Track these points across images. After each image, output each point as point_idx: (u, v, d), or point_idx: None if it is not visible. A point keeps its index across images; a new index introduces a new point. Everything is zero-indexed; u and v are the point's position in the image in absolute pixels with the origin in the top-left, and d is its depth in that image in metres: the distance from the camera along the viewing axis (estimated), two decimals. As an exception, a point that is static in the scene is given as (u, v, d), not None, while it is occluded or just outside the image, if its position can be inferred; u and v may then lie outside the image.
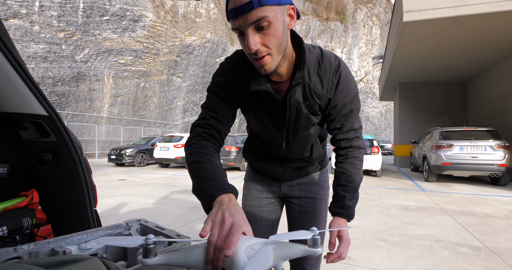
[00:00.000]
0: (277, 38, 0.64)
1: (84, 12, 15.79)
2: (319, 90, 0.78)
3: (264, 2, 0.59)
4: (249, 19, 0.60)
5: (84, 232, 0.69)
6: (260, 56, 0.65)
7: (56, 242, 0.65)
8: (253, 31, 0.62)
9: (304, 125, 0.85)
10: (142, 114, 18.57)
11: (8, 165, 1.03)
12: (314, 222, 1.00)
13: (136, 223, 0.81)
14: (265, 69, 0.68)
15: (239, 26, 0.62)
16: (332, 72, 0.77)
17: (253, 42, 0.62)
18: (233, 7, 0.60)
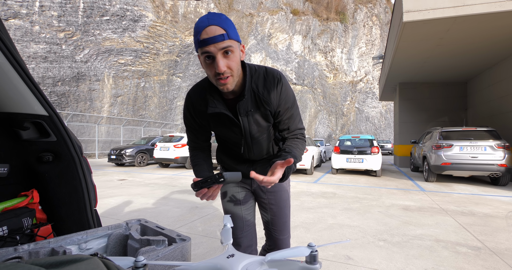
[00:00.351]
0: (237, 63, 0.88)
1: (84, 12, 15.79)
2: (267, 98, 0.99)
3: (231, 36, 0.82)
4: (219, 46, 0.80)
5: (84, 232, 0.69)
6: (225, 76, 0.85)
7: (56, 242, 0.65)
8: (222, 56, 0.82)
9: (257, 130, 1.06)
10: (142, 114, 18.57)
11: (8, 165, 1.03)
12: (282, 210, 1.25)
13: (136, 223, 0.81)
14: (227, 88, 0.89)
15: (211, 51, 0.81)
16: (275, 83, 0.99)
17: (222, 64, 0.82)
18: (207, 37, 0.79)
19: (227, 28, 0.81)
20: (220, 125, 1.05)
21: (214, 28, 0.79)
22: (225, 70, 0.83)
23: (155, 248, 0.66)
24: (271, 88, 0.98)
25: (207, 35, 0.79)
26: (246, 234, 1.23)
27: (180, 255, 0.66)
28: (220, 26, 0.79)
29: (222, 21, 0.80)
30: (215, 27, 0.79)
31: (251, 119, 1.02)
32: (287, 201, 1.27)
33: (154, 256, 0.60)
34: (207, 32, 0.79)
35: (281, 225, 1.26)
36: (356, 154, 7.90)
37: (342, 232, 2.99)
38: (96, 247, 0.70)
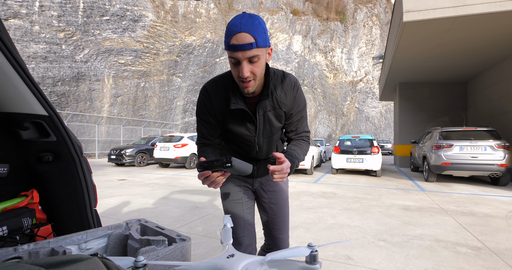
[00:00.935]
0: (261, 69, 0.92)
1: (84, 12, 15.79)
2: (284, 100, 1.06)
3: (259, 45, 0.84)
4: (247, 54, 0.84)
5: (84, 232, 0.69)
6: (248, 80, 0.90)
7: (56, 242, 0.65)
8: (247, 62, 0.86)
9: (270, 129, 1.11)
10: (142, 114, 18.56)
11: (8, 165, 1.03)
12: (282, 209, 1.28)
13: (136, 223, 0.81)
14: (248, 90, 0.94)
15: (237, 57, 0.85)
16: (292, 87, 1.06)
17: (247, 70, 0.87)
18: (236, 44, 0.82)
19: (257, 35, 0.83)
20: (236, 122, 1.08)
21: (244, 35, 0.81)
22: (248, 75, 0.87)
23: (155, 248, 0.66)
24: (288, 91, 1.05)
25: (237, 42, 0.82)
26: (247, 233, 1.25)
27: (180, 255, 0.66)
28: (250, 33, 0.82)
29: (253, 28, 0.82)
30: (246, 34, 0.81)
31: (266, 119, 1.07)
32: (286, 201, 1.30)
33: (154, 256, 0.60)
34: (237, 39, 0.82)
35: (281, 224, 1.28)
36: (356, 154, 7.90)
37: (342, 232, 2.99)
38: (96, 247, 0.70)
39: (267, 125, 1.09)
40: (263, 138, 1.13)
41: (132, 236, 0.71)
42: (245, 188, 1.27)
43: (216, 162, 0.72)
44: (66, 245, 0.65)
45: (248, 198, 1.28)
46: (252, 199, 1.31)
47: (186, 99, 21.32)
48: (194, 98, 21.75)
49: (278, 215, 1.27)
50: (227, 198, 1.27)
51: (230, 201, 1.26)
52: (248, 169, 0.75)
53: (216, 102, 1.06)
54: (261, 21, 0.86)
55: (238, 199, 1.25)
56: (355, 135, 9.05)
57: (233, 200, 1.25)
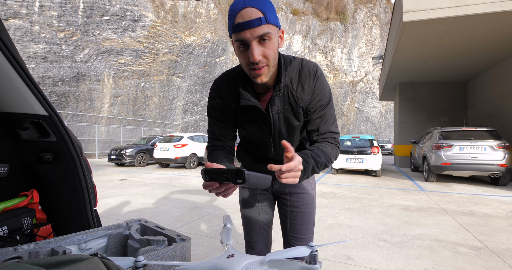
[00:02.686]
0: (274, 52, 0.77)
1: (84, 12, 15.79)
2: (301, 94, 0.89)
3: (269, 21, 0.71)
4: (256, 33, 0.71)
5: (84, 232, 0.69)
6: (260, 66, 0.76)
7: (56, 242, 0.65)
8: (257, 43, 0.73)
9: (287, 129, 0.97)
10: (142, 114, 18.57)
11: (8, 165, 1.03)
12: (304, 214, 1.10)
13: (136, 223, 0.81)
14: (261, 79, 0.80)
15: (245, 38, 0.72)
16: (311, 77, 0.88)
17: (257, 53, 0.73)
18: (242, 22, 0.70)
19: (266, 10, 0.71)
20: (248, 121, 0.96)
21: (250, 10, 0.69)
22: (260, 59, 0.74)
23: (155, 248, 0.65)
24: (305, 83, 0.88)
25: (243, 19, 0.70)
26: (261, 239, 1.15)
27: (180, 255, 0.66)
28: (257, 7, 0.70)
29: (260, 2, 0.70)
30: (252, 9, 0.69)
31: (281, 117, 0.93)
32: (311, 206, 1.12)
33: (154, 256, 0.60)
34: (242, 16, 0.70)
35: (301, 232, 1.10)
36: (356, 154, 7.90)
37: (342, 232, 2.99)
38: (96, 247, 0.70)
39: (284, 124, 0.95)
40: (280, 139, 0.99)
41: (132, 236, 0.71)
42: (262, 191, 1.16)
43: (224, 174, 0.57)
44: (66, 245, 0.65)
45: (266, 201, 1.16)
46: (271, 202, 1.18)
47: (186, 99, 21.33)
48: (194, 98, 21.76)
49: (300, 221, 1.09)
50: (243, 200, 1.18)
51: (246, 203, 1.16)
52: (265, 183, 0.59)
53: (227, 98, 0.94)
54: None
55: (254, 202, 1.15)
56: (355, 135, 9.05)
57: (249, 202, 1.16)
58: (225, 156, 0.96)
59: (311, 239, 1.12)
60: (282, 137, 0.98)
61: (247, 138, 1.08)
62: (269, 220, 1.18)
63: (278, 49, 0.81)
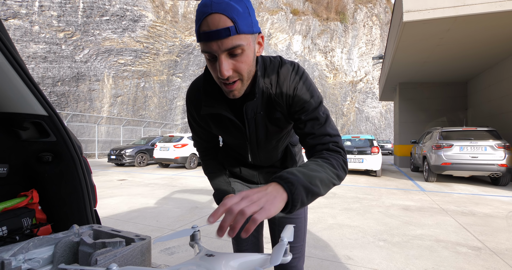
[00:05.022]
0: (248, 65, 0.66)
1: (84, 12, 15.79)
2: (279, 98, 0.78)
3: (241, 30, 0.59)
4: (224, 45, 0.59)
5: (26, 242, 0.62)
6: (231, 81, 0.65)
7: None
8: (227, 57, 0.61)
9: (265, 136, 0.87)
10: (142, 114, 18.57)
11: (8, 165, 1.03)
12: (293, 221, 1.01)
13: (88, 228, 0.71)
14: (234, 94, 0.69)
15: (212, 50, 0.60)
16: (289, 78, 0.76)
17: (226, 68, 0.62)
18: (208, 31, 0.58)
19: (237, 16, 0.58)
20: (221, 128, 0.88)
21: (217, 17, 0.57)
22: (230, 74, 0.63)
23: (111, 249, 0.61)
24: (284, 85, 0.77)
25: (208, 28, 0.58)
26: (251, 247, 1.09)
27: (140, 254, 0.63)
28: (226, 14, 0.57)
29: (231, 7, 0.57)
30: (220, 16, 0.57)
31: (259, 123, 0.83)
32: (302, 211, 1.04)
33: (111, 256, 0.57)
34: (208, 23, 0.57)
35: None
36: (356, 154, 7.90)
37: (342, 232, 2.98)
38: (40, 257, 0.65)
39: (261, 130, 0.85)
40: (258, 145, 0.90)
41: (83, 241, 0.65)
42: None
43: None
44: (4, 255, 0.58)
45: None
46: None
47: (186, 99, 21.32)
48: (194, 98, 21.74)
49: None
50: None
51: None
52: None
53: (196, 107, 0.87)
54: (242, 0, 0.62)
55: None
56: (355, 135, 9.06)
57: None
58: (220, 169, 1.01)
59: (301, 248, 1.02)
60: (260, 143, 0.90)
61: (225, 143, 1.04)
62: (259, 226, 1.10)
63: (255, 57, 0.70)
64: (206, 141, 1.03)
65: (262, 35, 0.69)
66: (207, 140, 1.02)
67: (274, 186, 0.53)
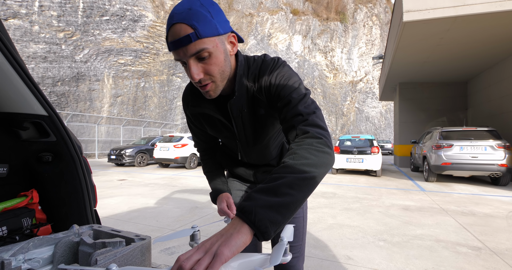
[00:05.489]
0: (219, 66, 0.67)
1: (84, 12, 15.78)
2: (260, 95, 0.78)
3: (202, 35, 0.61)
4: (188, 52, 0.62)
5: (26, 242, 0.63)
6: (204, 83, 0.68)
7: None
8: (195, 61, 0.64)
9: (253, 133, 0.87)
10: (142, 114, 18.56)
11: (8, 165, 1.03)
12: (292, 220, 0.99)
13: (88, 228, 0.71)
14: (209, 95, 0.72)
15: (179, 57, 0.64)
16: (267, 74, 0.76)
17: (196, 72, 0.64)
18: (173, 40, 0.62)
19: (197, 22, 0.60)
20: (213, 128, 0.91)
21: (178, 27, 0.60)
22: (200, 77, 0.66)
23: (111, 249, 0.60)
24: (262, 81, 0.77)
25: (172, 37, 0.62)
26: (249, 246, 1.06)
27: (140, 254, 0.63)
28: (186, 22, 0.60)
29: (190, 14, 0.60)
30: (180, 25, 0.60)
31: (245, 121, 0.84)
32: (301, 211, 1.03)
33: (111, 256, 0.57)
34: (172, 34, 0.62)
35: None
36: (356, 154, 7.90)
37: (342, 232, 2.98)
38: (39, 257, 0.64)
39: (248, 129, 0.86)
40: (247, 143, 0.91)
41: (83, 241, 0.65)
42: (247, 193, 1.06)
43: None
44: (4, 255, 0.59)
45: None
46: None
47: (186, 99, 21.33)
48: (194, 98, 21.75)
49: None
50: None
51: None
52: None
53: (188, 107, 0.90)
54: (207, 2, 0.63)
55: None
56: (355, 135, 9.06)
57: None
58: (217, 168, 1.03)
59: (300, 247, 1.01)
60: (249, 141, 0.90)
61: (222, 142, 1.06)
62: None
63: (229, 57, 0.71)
64: (204, 142, 1.05)
65: (233, 35, 0.70)
66: (206, 141, 1.05)
67: (233, 221, 0.49)
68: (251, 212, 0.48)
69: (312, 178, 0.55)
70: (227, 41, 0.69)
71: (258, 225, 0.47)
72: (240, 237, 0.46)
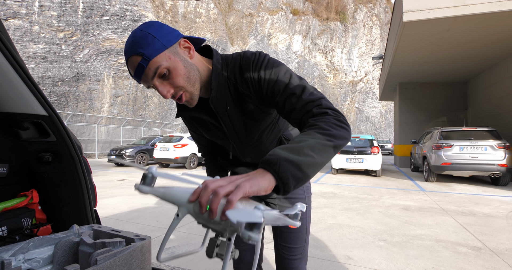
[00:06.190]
0: (182, 75, 0.68)
1: (84, 12, 15.79)
2: (247, 90, 0.77)
3: (150, 56, 0.62)
4: (148, 76, 0.65)
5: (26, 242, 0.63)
6: (177, 96, 0.70)
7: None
8: (159, 81, 0.66)
9: (244, 130, 0.86)
10: (142, 114, 18.57)
11: (8, 165, 1.03)
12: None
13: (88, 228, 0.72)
14: (190, 104, 0.74)
15: (147, 84, 0.67)
16: (251, 68, 0.75)
17: (165, 90, 0.67)
18: (133, 74, 0.66)
19: (141, 48, 0.62)
20: (205, 130, 0.92)
21: (131, 61, 0.64)
22: (171, 93, 0.68)
23: (111, 249, 0.60)
24: (247, 76, 0.75)
25: (132, 71, 0.66)
26: (250, 247, 1.07)
27: (140, 254, 0.63)
28: (134, 53, 0.63)
29: (134, 44, 0.63)
30: (131, 58, 0.64)
31: (233, 118, 0.82)
32: (304, 213, 1.01)
33: (111, 256, 0.57)
34: (130, 68, 0.66)
35: (292, 240, 0.98)
36: (356, 154, 7.90)
37: (342, 232, 2.98)
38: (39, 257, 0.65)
39: (238, 126, 0.84)
40: (240, 141, 0.90)
41: (83, 241, 0.65)
42: None
43: None
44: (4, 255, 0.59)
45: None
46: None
47: (186, 99, 21.34)
48: (194, 98, 21.77)
49: (290, 228, 0.98)
50: None
51: None
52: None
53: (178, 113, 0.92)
54: (145, 26, 0.65)
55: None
56: (355, 135, 9.06)
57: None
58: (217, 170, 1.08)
59: (303, 249, 1.00)
60: (242, 138, 0.89)
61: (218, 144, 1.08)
62: None
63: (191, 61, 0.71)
64: (205, 146, 1.11)
65: (184, 39, 0.70)
66: (206, 145, 1.10)
67: (257, 170, 0.53)
68: (276, 163, 0.51)
69: (331, 146, 0.59)
70: (180, 48, 0.69)
71: (281, 175, 0.50)
72: (263, 181, 0.49)
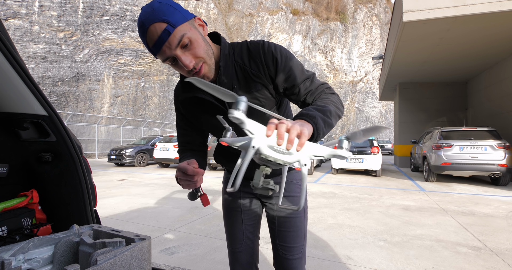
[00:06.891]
0: (202, 46, 0.72)
1: (84, 12, 15.78)
2: (256, 70, 0.81)
3: (176, 24, 0.66)
4: (172, 44, 0.66)
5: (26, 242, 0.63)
6: (198, 68, 0.73)
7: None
8: (181, 51, 0.69)
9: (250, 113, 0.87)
10: (142, 114, 18.56)
11: (8, 165, 1.03)
12: (293, 220, 0.98)
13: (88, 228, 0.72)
14: (207, 77, 0.76)
15: (167, 55, 0.68)
16: (261, 52, 0.80)
17: (188, 60, 0.70)
18: (154, 42, 0.66)
19: (166, 16, 0.65)
20: (205, 115, 0.89)
21: (153, 28, 0.65)
22: (194, 63, 0.71)
23: (111, 249, 0.61)
24: (258, 58, 0.80)
25: (152, 40, 0.66)
26: (246, 249, 1.05)
27: (140, 254, 0.63)
28: (157, 20, 0.64)
29: (156, 13, 0.64)
30: (154, 26, 0.64)
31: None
32: (302, 211, 1.01)
33: (111, 256, 0.57)
34: (150, 37, 0.66)
35: (290, 239, 0.98)
36: (356, 154, 7.90)
37: (342, 232, 2.98)
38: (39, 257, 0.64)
39: None
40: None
41: (84, 241, 0.66)
42: (245, 194, 1.04)
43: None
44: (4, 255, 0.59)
45: (250, 206, 1.04)
46: (257, 207, 1.06)
47: (186, 99, 21.33)
48: (194, 98, 21.76)
49: (288, 227, 0.98)
50: (224, 204, 1.09)
51: (227, 207, 1.07)
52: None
53: (179, 99, 0.92)
54: (163, 2, 0.67)
55: (236, 207, 1.04)
56: (355, 135, 9.05)
57: (230, 207, 1.06)
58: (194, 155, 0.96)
59: (302, 248, 1.00)
60: None
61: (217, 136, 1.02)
62: (254, 227, 1.06)
63: (206, 38, 0.75)
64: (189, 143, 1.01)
65: (198, 18, 0.75)
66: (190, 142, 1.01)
67: (299, 120, 0.59)
68: (315, 117, 0.61)
69: (339, 116, 0.75)
70: (196, 24, 0.73)
71: (318, 127, 0.61)
72: (310, 128, 0.57)
